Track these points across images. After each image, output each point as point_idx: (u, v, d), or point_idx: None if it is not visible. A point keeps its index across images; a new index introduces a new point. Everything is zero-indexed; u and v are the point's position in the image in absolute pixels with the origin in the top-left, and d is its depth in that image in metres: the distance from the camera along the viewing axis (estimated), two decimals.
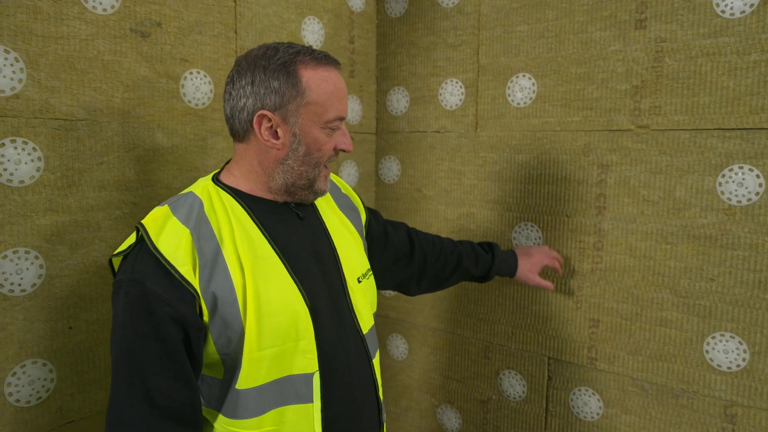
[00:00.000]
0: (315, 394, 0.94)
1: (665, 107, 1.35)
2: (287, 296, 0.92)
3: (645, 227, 1.39)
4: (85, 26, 1.16)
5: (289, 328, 0.91)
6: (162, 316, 0.83)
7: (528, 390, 1.63)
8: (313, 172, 0.97)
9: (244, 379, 0.89)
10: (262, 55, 0.94)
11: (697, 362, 1.34)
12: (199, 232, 0.88)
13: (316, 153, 0.96)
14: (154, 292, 0.83)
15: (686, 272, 1.34)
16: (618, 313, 1.45)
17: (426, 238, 1.36)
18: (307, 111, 0.93)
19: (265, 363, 0.90)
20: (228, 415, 0.91)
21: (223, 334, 0.88)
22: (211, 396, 0.93)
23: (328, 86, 0.94)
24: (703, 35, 1.29)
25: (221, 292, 0.86)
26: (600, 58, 1.43)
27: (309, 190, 0.99)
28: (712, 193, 1.30)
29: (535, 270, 1.46)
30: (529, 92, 1.56)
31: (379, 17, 1.89)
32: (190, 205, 0.92)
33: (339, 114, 0.96)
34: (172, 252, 0.85)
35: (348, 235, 1.10)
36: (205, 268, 0.86)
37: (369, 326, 1.08)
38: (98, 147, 1.19)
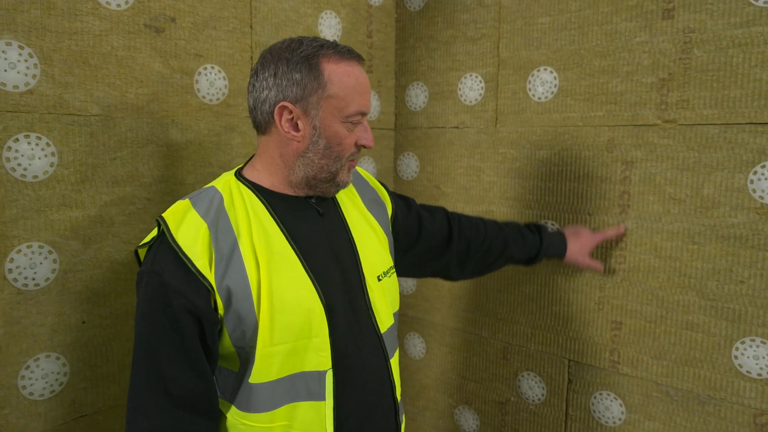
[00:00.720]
0: (327, 391, 0.93)
1: (693, 101, 1.29)
2: (302, 293, 0.92)
3: (671, 226, 1.33)
4: (99, 22, 1.16)
5: (302, 325, 0.91)
6: (178, 308, 0.85)
7: (547, 393, 1.59)
8: (334, 165, 0.97)
9: (257, 374, 0.90)
10: (286, 47, 0.94)
11: (726, 368, 1.28)
12: (217, 227, 0.89)
13: (337, 147, 0.95)
14: (172, 285, 0.85)
15: (714, 274, 1.28)
16: (642, 316, 1.39)
17: (469, 222, 1.32)
18: (328, 104, 0.93)
19: (278, 358, 0.90)
20: (241, 408, 0.92)
21: (237, 327, 0.89)
22: (226, 388, 0.94)
23: (350, 80, 0.94)
24: (734, 25, 1.23)
25: (236, 286, 0.87)
26: (625, 50, 1.38)
27: (331, 183, 0.99)
28: (743, 191, 1.23)
29: (586, 251, 1.40)
30: (550, 86, 1.51)
31: (398, 11, 1.86)
32: (210, 200, 0.93)
33: (360, 109, 0.95)
34: (189, 245, 0.86)
35: (371, 231, 1.08)
36: (221, 263, 0.87)
37: (388, 325, 1.05)
38: (112, 142, 1.20)
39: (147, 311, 0.87)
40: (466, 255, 1.29)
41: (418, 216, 1.24)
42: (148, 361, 0.86)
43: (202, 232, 0.88)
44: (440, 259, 1.27)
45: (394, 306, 1.10)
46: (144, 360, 0.86)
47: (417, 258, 1.25)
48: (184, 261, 0.85)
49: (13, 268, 1.09)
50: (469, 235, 1.29)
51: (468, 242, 1.29)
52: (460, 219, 1.31)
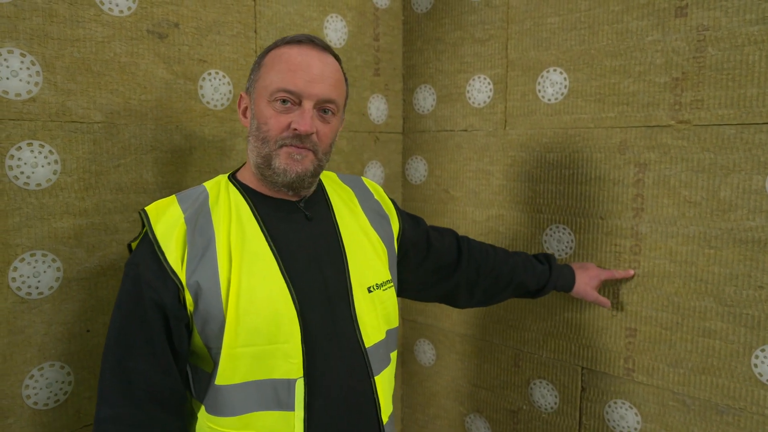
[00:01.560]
0: (297, 402, 0.90)
1: (708, 101, 1.25)
2: (274, 295, 0.90)
3: (686, 230, 1.30)
4: (102, 28, 1.15)
5: (270, 328, 0.89)
6: (149, 302, 0.86)
7: (560, 401, 1.55)
8: (264, 148, 0.93)
9: (222, 375, 0.89)
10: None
11: (745, 377, 1.23)
12: (195, 223, 0.90)
13: (263, 126, 0.93)
14: (145, 277, 0.87)
15: (732, 279, 1.24)
16: (657, 322, 1.35)
17: (479, 247, 1.30)
18: (259, 86, 0.95)
19: (244, 361, 0.89)
20: (209, 410, 0.92)
21: (206, 326, 0.89)
22: (200, 389, 0.94)
23: (281, 60, 0.94)
24: (750, 21, 1.19)
25: (205, 283, 0.87)
26: (637, 50, 1.34)
27: (269, 169, 0.93)
28: (761, 194, 1.19)
29: (593, 284, 1.37)
30: (560, 87, 1.48)
31: (405, 13, 1.84)
32: (196, 197, 0.95)
33: (283, 86, 0.91)
34: (165, 241, 0.88)
35: (366, 242, 1.05)
36: (194, 259, 0.88)
37: (375, 340, 1.00)
38: (115, 149, 1.19)
39: (123, 301, 0.89)
40: (475, 279, 1.26)
41: (426, 233, 1.22)
42: (117, 350, 0.87)
43: (179, 227, 0.89)
44: (449, 280, 1.24)
45: (388, 322, 1.05)
46: (114, 349, 0.88)
47: (427, 277, 1.23)
48: (158, 254, 0.87)
49: (17, 277, 1.08)
50: (479, 258, 1.27)
51: (477, 266, 1.26)
52: (470, 242, 1.29)
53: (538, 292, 1.35)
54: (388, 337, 1.04)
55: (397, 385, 1.99)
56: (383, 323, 1.03)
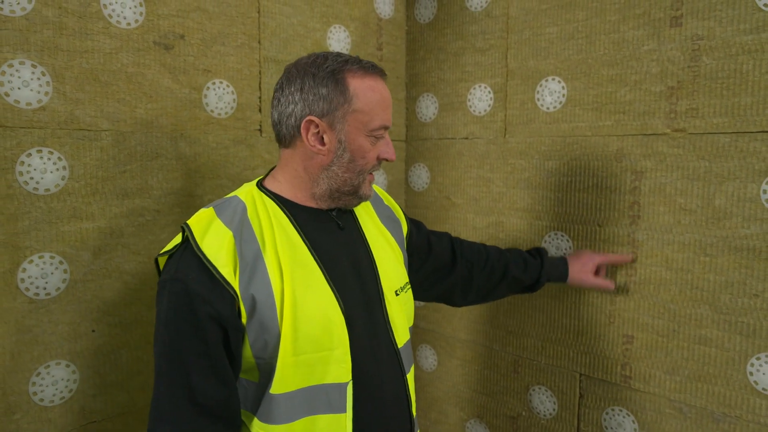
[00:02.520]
0: (348, 404, 0.93)
1: (703, 109, 1.26)
2: (324, 304, 0.92)
3: (682, 238, 1.30)
4: (110, 40, 1.20)
5: (323, 336, 0.91)
6: (203, 315, 0.85)
7: (559, 407, 1.55)
8: (357, 179, 0.98)
9: (278, 384, 0.90)
10: (311, 63, 0.96)
11: (741, 384, 1.23)
12: (241, 235, 0.90)
13: (361, 160, 0.97)
14: (196, 292, 0.85)
15: (727, 287, 1.24)
16: (654, 330, 1.36)
17: (471, 247, 1.33)
18: (354, 119, 0.94)
19: (300, 369, 0.90)
20: (262, 419, 0.92)
21: (260, 337, 0.89)
22: (246, 398, 0.95)
23: (374, 95, 0.95)
24: (743, 31, 1.20)
25: (260, 295, 0.88)
26: (633, 59, 1.36)
27: (353, 196, 1.00)
28: (756, 202, 1.19)
29: (588, 269, 1.37)
30: (558, 96, 1.50)
31: (408, 23, 1.87)
32: (234, 209, 0.94)
33: (384, 123, 0.97)
34: (214, 253, 0.87)
35: (387, 247, 1.09)
36: (245, 271, 0.88)
37: (404, 340, 1.06)
38: (122, 156, 1.23)
39: (171, 318, 0.87)
40: (469, 278, 1.29)
41: (427, 237, 1.26)
42: (172, 368, 0.86)
43: (227, 240, 0.89)
44: (445, 281, 1.28)
45: (410, 321, 1.11)
46: (168, 368, 0.87)
47: (425, 278, 1.26)
48: (209, 268, 0.86)
49: (26, 278, 1.13)
50: (472, 258, 1.30)
51: (471, 265, 1.29)
52: (463, 243, 1.32)
53: (533, 286, 1.37)
54: (411, 335, 1.11)
55: None
56: (407, 323, 1.09)
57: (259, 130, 1.48)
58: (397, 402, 1.02)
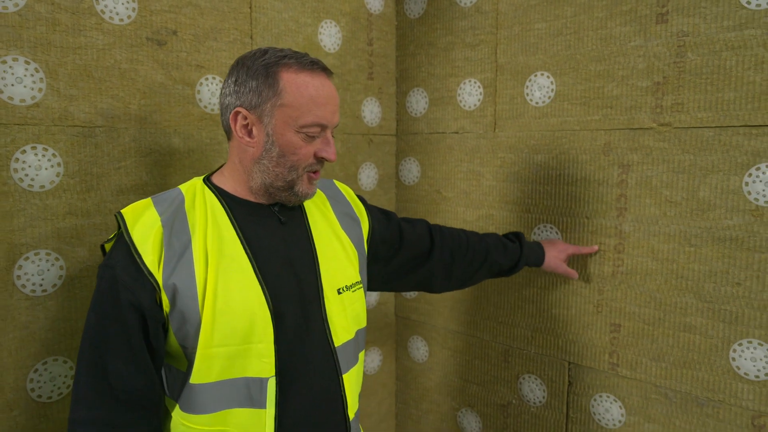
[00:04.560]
0: (269, 399, 0.93)
1: (688, 104, 1.29)
2: (248, 297, 0.93)
3: (667, 229, 1.34)
4: (103, 36, 1.20)
5: (245, 329, 0.92)
6: (125, 303, 0.88)
7: (548, 395, 1.59)
8: (290, 174, 0.97)
9: (197, 374, 0.91)
10: (251, 56, 0.97)
11: (723, 370, 1.28)
12: (172, 226, 0.92)
13: (292, 156, 0.96)
14: (121, 279, 0.88)
15: (711, 276, 1.29)
16: (640, 318, 1.40)
17: (451, 233, 1.33)
18: (282, 113, 0.94)
19: (219, 361, 0.91)
20: (183, 408, 0.94)
21: (182, 326, 0.91)
22: (173, 387, 0.96)
23: (307, 91, 0.94)
24: (727, 28, 1.23)
25: (182, 285, 0.89)
26: (620, 55, 1.39)
27: (289, 192, 0.99)
28: (738, 194, 1.24)
29: (562, 258, 1.45)
30: (547, 91, 1.53)
31: (398, 18, 1.88)
32: (172, 200, 0.96)
33: (317, 120, 0.95)
34: (141, 242, 0.89)
35: (337, 245, 1.08)
36: (170, 261, 0.90)
37: (344, 340, 1.04)
38: (116, 152, 1.24)
39: (97, 302, 0.90)
40: (450, 264, 1.30)
41: (398, 226, 1.25)
42: (93, 352, 0.89)
43: (156, 229, 0.91)
44: (422, 268, 1.27)
45: (357, 322, 1.08)
46: (90, 351, 0.89)
47: (399, 267, 1.26)
48: (134, 256, 0.88)
49: (22, 275, 1.13)
50: (452, 244, 1.31)
51: (451, 251, 1.30)
52: (442, 230, 1.32)
53: (512, 270, 1.39)
54: (357, 336, 1.08)
55: (391, 381, 2.03)
56: (353, 324, 1.07)
57: None
58: (328, 402, 1.01)
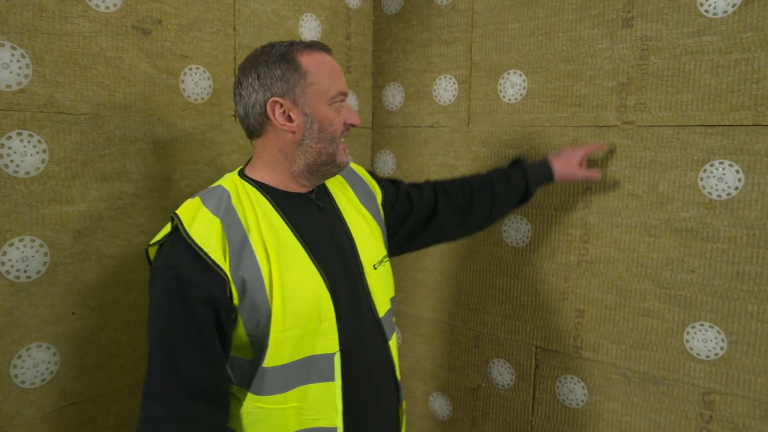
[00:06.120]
0: (336, 372, 1.00)
1: (650, 104, 1.39)
2: (310, 281, 0.99)
3: (629, 220, 1.44)
4: (89, 24, 1.20)
5: (311, 311, 0.98)
6: (195, 299, 0.90)
7: (516, 378, 1.68)
8: (330, 147, 1.04)
9: (270, 358, 0.96)
10: (261, 52, 1.02)
11: (678, 351, 1.39)
12: (228, 221, 0.96)
13: (329, 128, 1.03)
14: (188, 277, 0.90)
15: (668, 264, 1.39)
16: (603, 304, 1.50)
17: (455, 186, 1.35)
18: (312, 91, 1.01)
19: (291, 343, 0.97)
20: (255, 392, 0.98)
21: (252, 316, 0.95)
22: (240, 375, 1.00)
23: (325, 66, 1.02)
24: (687, 34, 1.33)
25: (249, 276, 0.93)
26: (588, 56, 1.47)
27: (332, 165, 1.06)
28: (694, 188, 1.34)
29: (573, 164, 1.40)
30: (519, 88, 1.60)
31: (375, 14, 1.92)
32: (219, 197, 0.99)
33: (340, 89, 1.04)
34: (204, 239, 0.92)
35: (364, 224, 1.16)
36: (234, 254, 0.93)
37: (385, 310, 1.13)
38: (101, 140, 1.24)
39: (163, 303, 0.91)
40: (460, 215, 1.33)
41: (407, 194, 1.29)
42: (163, 351, 0.91)
43: (216, 226, 0.94)
44: (432, 226, 1.31)
45: (390, 292, 1.18)
46: (160, 350, 0.91)
47: (411, 230, 1.30)
48: (199, 254, 0.91)
49: (6, 261, 1.13)
50: (458, 196, 1.33)
51: (458, 204, 1.32)
52: (444, 185, 1.34)
53: (525, 198, 1.40)
54: (392, 304, 1.18)
55: None
56: (388, 294, 1.16)
57: (234, 116, 1.50)
58: (381, 367, 1.11)
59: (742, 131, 1.27)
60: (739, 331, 1.30)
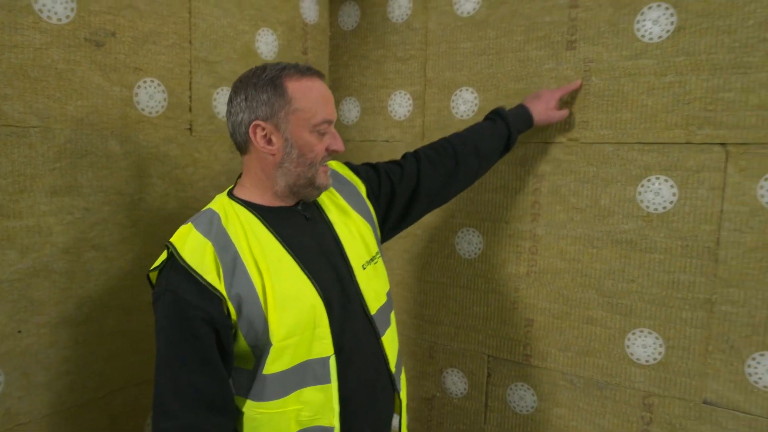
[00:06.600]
0: (332, 375, 1.05)
1: (592, 122, 1.47)
2: (302, 291, 1.03)
3: (574, 232, 1.51)
4: (40, 35, 1.18)
5: (306, 319, 1.02)
6: (195, 320, 0.96)
7: (469, 387, 1.73)
8: (309, 171, 1.07)
9: (270, 365, 1.00)
10: (253, 74, 1.07)
11: (620, 357, 1.46)
12: (219, 243, 1.01)
13: (309, 154, 1.06)
14: (187, 299, 0.96)
15: (610, 274, 1.46)
16: (550, 313, 1.56)
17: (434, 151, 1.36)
18: (296, 117, 1.04)
19: (289, 350, 1.01)
20: (256, 398, 1.02)
21: (250, 329, 1.00)
22: (241, 385, 1.04)
23: (312, 93, 1.05)
24: (625, 57, 1.41)
25: (244, 294, 0.98)
26: (535, 75, 1.54)
27: (311, 187, 1.10)
28: (633, 202, 1.42)
29: (552, 107, 1.45)
30: (471, 105, 1.66)
31: (332, 29, 1.96)
32: (209, 220, 1.04)
33: (326, 117, 1.06)
34: (198, 263, 0.97)
35: (353, 226, 1.19)
36: (227, 274, 0.98)
37: (378, 306, 1.17)
38: (51, 153, 1.22)
39: (165, 326, 0.98)
40: (447, 179, 1.34)
41: (388, 176, 1.30)
42: (169, 369, 0.97)
43: (208, 249, 0.99)
44: (420, 197, 1.32)
45: (384, 287, 1.22)
46: (166, 369, 0.98)
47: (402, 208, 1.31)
48: (195, 277, 0.96)
49: None
50: (442, 161, 1.34)
51: (444, 168, 1.34)
52: (427, 153, 1.35)
53: (508, 147, 1.43)
54: (388, 298, 1.23)
55: None
56: (381, 290, 1.20)
57: (189, 129, 1.50)
58: (375, 364, 1.15)
59: (676, 149, 1.36)
60: (675, 336, 1.38)
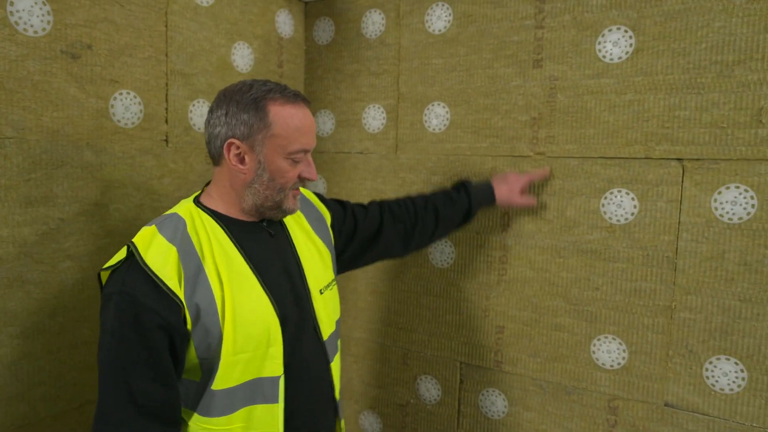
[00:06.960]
0: (280, 395, 1.05)
1: (558, 137, 1.53)
2: (260, 307, 1.03)
3: (542, 243, 1.57)
4: (16, 47, 1.19)
5: (261, 336, 1.02)
6: (149, 325, 0.93)
7: (443, 393, 1.76)
8: (278, 195, 1.08)
9: (219, 380, 0.99)
10: (238, 90, 1.06)
11: (586, 362, 1.52)
12: (183, 250, 0.99)
13: (280, 179, 1.07)
14: (143, 303, 0.93)
15: (576, 282, 1.52)
16: (520, 320, 1.61)
17: (398, 206, 1.42)
18: (272, 143, 1.04)
19: (239, 366, 1.00)
20: (202, 413, 1.01)
21: (204, 340, 0.98)
22: (188, 397, 1.02)
23: (293, 121, 1.05)
24: (588, 76, 1.48)
25: (203, 303, 0.97)
26: (504, 92, 1.61)
27: (278, 210, 1.10)
28: (596, 213, 1.49)
29: (516, 191, 1.50)
30: (443, 119, 1.71)
31: (307, 44, 1.99)
32: (175, 225, 1.02)
33: (302, 147, 1.07)
34: (160, 267, 0.95)
35: (314, 250, 1.21)
36: (189, 282, 0.97)
37: (329, 332, 1.18)
38: (26, 164, 1.22)
39: (116, 328, 0.93)
40: (404, 235, 1.40)
41: (353, 214, 1.36)
42: (116, 374, 0.93)
43: (172, 254, 0.97)
44: (378, 245, 1.38)
45: (335, 314, 1.24)
46: (111, 373, 0.93)
47: (358, 248, 1.37)
48: (155, 281, 0.94)
49: None
50: (402, 217, 1.40)
51: (403, 224, 1.40)
52: (391, 207, 1.42)
53: (467, 218, 1.49)
54: (337, 326, 1.23)
55: None
56: (333, 317, 1.22)
57: (165, 141, 1.51)
58: (321, 388, 1.16)
59: (636, 163, 1.43)
60: (637, 342, 1.45)
